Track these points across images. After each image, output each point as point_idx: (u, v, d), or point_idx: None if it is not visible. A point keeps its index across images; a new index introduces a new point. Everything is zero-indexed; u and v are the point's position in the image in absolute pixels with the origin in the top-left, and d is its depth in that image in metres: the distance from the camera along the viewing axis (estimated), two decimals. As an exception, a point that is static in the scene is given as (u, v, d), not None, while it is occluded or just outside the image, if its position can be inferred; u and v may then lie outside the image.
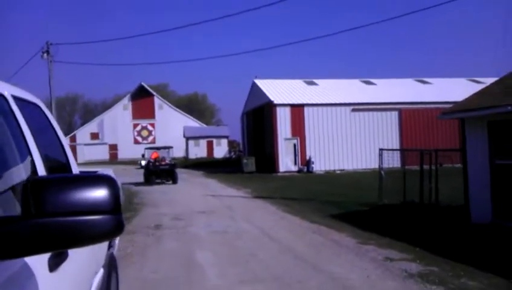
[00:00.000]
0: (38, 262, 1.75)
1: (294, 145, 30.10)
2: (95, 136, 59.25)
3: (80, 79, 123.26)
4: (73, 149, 57.81)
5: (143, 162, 31.06)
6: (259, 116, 34.38)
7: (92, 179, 1.45)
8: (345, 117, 30.96)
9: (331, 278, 6.25)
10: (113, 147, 58.86)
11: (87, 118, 72.72)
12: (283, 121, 30.13)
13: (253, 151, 35.56)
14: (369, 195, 15.01)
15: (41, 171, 2.24)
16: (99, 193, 1.41)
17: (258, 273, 6.55)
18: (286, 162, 29.91)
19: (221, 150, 55.29)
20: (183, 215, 12.65)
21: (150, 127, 60.20)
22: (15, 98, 2.25)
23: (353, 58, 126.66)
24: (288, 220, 11.52)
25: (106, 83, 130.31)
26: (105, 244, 3.57)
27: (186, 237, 9.51)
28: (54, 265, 1.96)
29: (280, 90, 32.67)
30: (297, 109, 30.43)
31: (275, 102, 30.13)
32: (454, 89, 30.16)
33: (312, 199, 15.43)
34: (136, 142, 59.11)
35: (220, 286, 6.03)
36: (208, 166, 38.54)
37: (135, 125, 59.99)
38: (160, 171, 25.16)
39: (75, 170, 3.02)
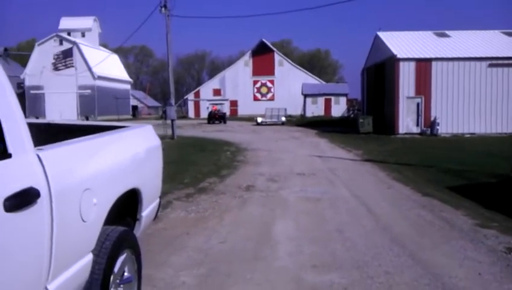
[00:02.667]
0: None
1: (418, 105, 27.41)
2: (217, 92, 60.76)
3: (208, 36, 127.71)
4: (197, 104, 60.26)
5: (259, 119, 41.07)
6: (381, 73, 31.87)
7: None
8: (480, 73, 27.29)
9: (430, 272, 4.89)
10: (234, 103, 59.95)
11: (213, 74, 74.92)
12: (406, 78, 27.48)
13: (371, 110, 33.36)
14: (500, 164, 12.80)
15: None
16: None
17: (338, 257, 5.41)
18: (407, 123, 27.45)
19: (339, 109, 53.27)
20: (280, 176, 11.79)
21: (269, 84, 59.98)
22: None
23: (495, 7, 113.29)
24: (395, 190, 10.05)
25: (232, 40, 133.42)
26: (94, 221, 2.73)
27: (274, 202, 8.63)
28: None
29: (405, 43, 29.79)
30: (423, 64, 27.50)
31: (398, 56, 27.51)
32: None
33: (431, 166, 13.58)
34: (256, 99, 59.48)
35: (287, 269, 5.03)
36: (324, 125, 37.22)
37: (255, 82, 60.20)
38: (216, 116, 43.94)
39: (11, 128, 2.12)
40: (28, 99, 53.96)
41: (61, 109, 50.87)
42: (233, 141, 23.08)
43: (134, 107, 72.17)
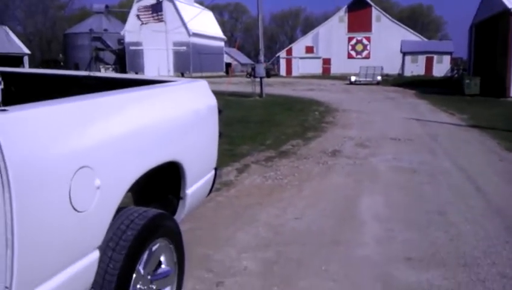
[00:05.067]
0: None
1: (536, 65, 24.04)
2: (309, 49, 58.87)
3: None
4: (289, 62, 59.00)
5: (353, 78, 38.96)
6: (491, 29, 28.37)
7: None
8: None
9: None
10: (327, 62, 57.78)
11: (307, 32, 72.70)
12: (523, 34, 24.07)
13: (478, 70, 30.04)
14: None
15: None
16: None
17: (440, 249, 4.35)
18: (521, 85, 24.29)
19: (442, 68, 49.06)
20: (371, 141, 10.62)
21: (365, 41, 56.81)
22: None
23: None
24: (510, 163, 8.51)
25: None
26: (98, 210, 2.00)
27: (362, 172, 7.60)
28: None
29: (523, -6, 26.03)
30: (545, 18, 23.87)
31: (514, 9, 24.10)
32: None
33: (552, 136, 11.56)
34: (350, 56, 56.80)
35: (372, 260, 4.09)
36: (423, 85, 34.40)
37: (350, 39, 57.30)
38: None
39: None
40: (128, 55, 56.05)
41: (158, 65, 52.28)
42: (323, 100, 21.89)
43: (228, 65, 72.49)
